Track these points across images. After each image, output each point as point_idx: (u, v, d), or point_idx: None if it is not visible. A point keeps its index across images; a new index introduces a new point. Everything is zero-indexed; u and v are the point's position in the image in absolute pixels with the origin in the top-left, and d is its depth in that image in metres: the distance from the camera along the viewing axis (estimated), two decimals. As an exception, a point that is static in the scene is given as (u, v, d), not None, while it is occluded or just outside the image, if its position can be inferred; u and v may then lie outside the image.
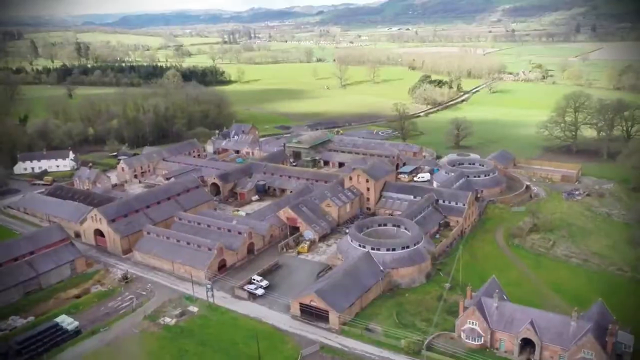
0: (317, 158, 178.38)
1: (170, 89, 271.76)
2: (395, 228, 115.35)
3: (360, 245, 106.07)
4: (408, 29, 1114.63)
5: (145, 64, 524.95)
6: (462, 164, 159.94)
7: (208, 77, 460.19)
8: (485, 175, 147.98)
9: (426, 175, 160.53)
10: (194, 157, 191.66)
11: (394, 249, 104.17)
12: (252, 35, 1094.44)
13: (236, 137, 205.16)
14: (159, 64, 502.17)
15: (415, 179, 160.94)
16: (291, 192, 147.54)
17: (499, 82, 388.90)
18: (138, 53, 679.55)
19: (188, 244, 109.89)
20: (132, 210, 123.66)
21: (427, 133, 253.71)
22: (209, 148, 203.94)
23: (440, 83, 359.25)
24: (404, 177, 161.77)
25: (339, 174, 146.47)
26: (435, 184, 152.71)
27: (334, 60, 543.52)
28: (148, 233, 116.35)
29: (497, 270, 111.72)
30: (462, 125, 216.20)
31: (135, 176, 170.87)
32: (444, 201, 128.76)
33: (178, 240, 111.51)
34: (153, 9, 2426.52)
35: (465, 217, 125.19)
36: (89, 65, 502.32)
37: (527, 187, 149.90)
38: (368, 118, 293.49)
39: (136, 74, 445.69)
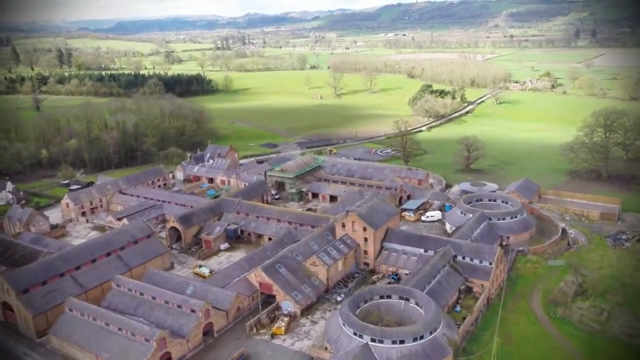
0: (303, 190, 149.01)
1: (141, 103, 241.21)
2: (402, 302, 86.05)
3: (355, 334, 76.80)
4: (404, 35, 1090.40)
5: (129, 71, 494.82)
6: (481, 200, 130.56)
7: (194, 85, 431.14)
8: (511, 218, 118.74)
9: (436, 214, 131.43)
10: (160, 186, 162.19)
11: (402, 341, 74.93)
12: (247, 41, 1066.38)
13: (211, 162, 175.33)
14: (141, 72, 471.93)
15: (423, 218, 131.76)
16: (270, 239, 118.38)
17: (505, 92, 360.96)
18: (124, 60, 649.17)
19: (120, 329, 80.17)
20: (54, 274, 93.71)
21: (431, 151, 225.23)
22: (179, 174, 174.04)
23: (442, 93, 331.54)
24: (409, 216, 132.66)
25: (329, 217, 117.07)
26: (448, 226, 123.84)
27: (329, 67, 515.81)
28: (70, 310, 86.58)
29: (541, 359, 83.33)
30: (472, 146, 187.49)
31: (84, 213, 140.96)
32: (463, 258, 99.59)
33: (107, 323, 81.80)
34: (149, 14, 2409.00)
35: (493, 279, 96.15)
36: (65, 74, 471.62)
37: (564, 230, 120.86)
38: (365, 133, 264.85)
39: (116, 83, 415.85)
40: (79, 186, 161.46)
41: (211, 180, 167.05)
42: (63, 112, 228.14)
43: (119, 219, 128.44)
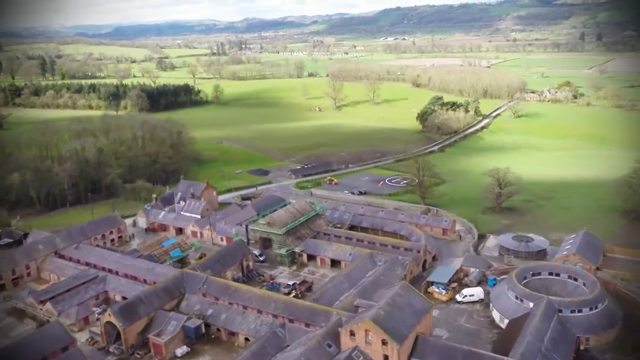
0: (296, 250, 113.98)
1: (110, 123, 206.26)
2: None
3: None
4: (404, 39, 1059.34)
5: (112, 81, 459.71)
6: (539, 273, 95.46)
7: (181, 97, 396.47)
8: (590, 309, 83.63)
9: (477, 292, 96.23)
10: (113, 241, 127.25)
11: None
12: (244, 46, 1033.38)
13: (182, 204, 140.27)
14: (125, 82, 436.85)
15: (458, 297, 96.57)
16: (247, 339, 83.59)
17: (523, 104, 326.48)
18: (111, 67, 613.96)
19: None
20: None
21: (450, 180, 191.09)
22: (142, 221, 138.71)
23: (454, 106, 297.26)
24: (440, 293, 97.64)
25: (331, 312, 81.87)
26: (497, 316, 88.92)
27: (327, 75, 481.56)
28: None
29: None
30: (504, 181, 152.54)
31: (3, 287, 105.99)
32: (539, 395, 64.84)
33: None
34: (148, 19, 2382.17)
35: None
36: (43, 84, 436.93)
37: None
38: (369, 154, 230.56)
39: (96, 94, 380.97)
40: (11, 240, 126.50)
41: (180, 230, 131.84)
42: (15, 135, 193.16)
43: (42, 302, 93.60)
